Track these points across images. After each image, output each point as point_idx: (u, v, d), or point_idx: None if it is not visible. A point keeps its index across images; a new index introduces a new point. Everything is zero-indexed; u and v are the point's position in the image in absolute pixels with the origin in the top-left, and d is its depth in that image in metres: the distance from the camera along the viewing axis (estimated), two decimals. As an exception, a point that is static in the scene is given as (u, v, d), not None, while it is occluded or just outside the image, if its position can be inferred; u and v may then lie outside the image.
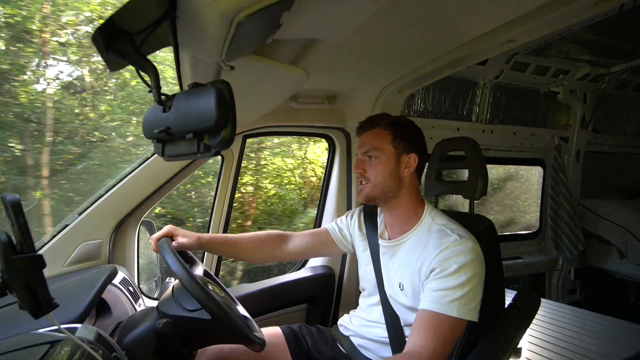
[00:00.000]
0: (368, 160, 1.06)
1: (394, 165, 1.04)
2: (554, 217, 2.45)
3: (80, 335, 0.71)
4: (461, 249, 0.91)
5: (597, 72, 2.24)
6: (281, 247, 1.23)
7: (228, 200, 1.54)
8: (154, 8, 0.54)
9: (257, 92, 1.10)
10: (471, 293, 0.88)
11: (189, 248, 1.11)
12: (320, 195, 1.84)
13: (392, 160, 1.04)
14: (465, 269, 0.89)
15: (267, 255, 1.23)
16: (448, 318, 0.85)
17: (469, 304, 0.87)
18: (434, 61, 1.18)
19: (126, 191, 1.29)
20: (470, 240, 0.94)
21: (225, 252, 1.26)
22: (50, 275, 1.14)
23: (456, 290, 0.87)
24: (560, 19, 0.91)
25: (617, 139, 2.72)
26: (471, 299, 0.88)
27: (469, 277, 0.88)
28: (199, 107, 0.56)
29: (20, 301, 0.54)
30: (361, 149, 1.08)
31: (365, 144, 1.07)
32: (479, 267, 0.92)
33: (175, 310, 0.90)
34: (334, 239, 1.25)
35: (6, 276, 0.53)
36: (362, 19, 0.72)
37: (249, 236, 1.22)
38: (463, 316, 0.86)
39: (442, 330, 0.85)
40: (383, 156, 1.04)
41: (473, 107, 2.20)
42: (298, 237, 1.26)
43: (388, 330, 1.03)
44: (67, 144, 2.58)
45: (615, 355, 1.47)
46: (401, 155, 1.05)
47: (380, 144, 1.05)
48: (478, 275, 0.90)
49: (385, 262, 1.09)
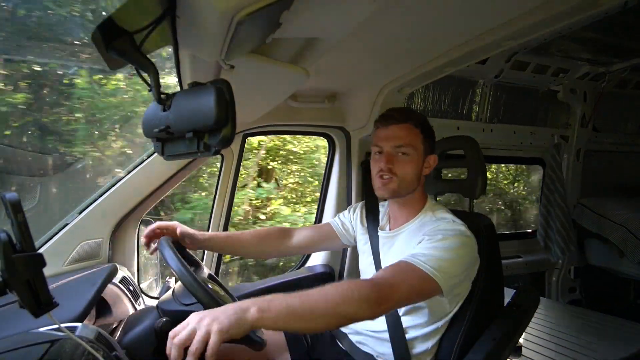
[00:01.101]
0: (397, 155, 1.03)
1: (421, 164, 1.05)
2: (545, 215, 2.44)
3: (80, 334, 0.71)
4: (450, 227, 0.95)
5: (597, 70, 2.24)
6: (284, 242, 1.24)
7: (228, 198, 1.55)
8: (154, 7, 0.54)
9: (257, 91, 1.10)
10: (448, 262, 0.87)
11: (192, 246, 1.11)
12: (320, 194, 1.84)
13: (421, 159, 1.05)
14: (448, 241, 0.90)
15: (271, 250, 1.24)
16: (416, 268, 0.85)
17: (442, 268, 0.85)
18: (434, 60, 1.18)
19: (126, 190, 1.29)
20: (463, 226, 0.96)
21: (227, 250, 1.26)
22: (50, 274, 1.14)
23: (432, 253, 0.88)
24: (560, 18, 0.91)
25: (617, 137, 2.72)
26: (445, 266, 0.86)
27: (450, 248, 0.89)
28: (199, 106, 0.56)
29: (20, 300, 0.54)
30: (391, 141, 1.03)
31: (398, 139, 1.03)
32: (464, 249, 0.92)
33: (174, 306, 0.90)
34: (337, 233, 1.27)
35: (6, 275, 0.53)
36: (362, 18, 0.72)
37: (251, 233, 1.23)
38: (431, 273, 0.84)
39: (406, 273, 0.84)
40: (415, 154, 1.03)
41: (473, 106, 2.19)
42: (301, 232, 1.27)
43: (388, 325, 1.03)
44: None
45: (615, 354, 1.47)
46: (427, 155, 1.06)
47: (413, 141, 1.03)
48: (460, 254, 0.90)
49: (385, 253, 1.10)
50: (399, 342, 1.00)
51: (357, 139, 1.68)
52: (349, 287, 0.77)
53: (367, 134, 1.61)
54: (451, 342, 1.00)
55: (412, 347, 1.00)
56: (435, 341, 1.01)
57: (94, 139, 2.17)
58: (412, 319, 1.01)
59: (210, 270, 1.15)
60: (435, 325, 1.00)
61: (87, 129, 2.15)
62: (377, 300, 0.77)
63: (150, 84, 0.62)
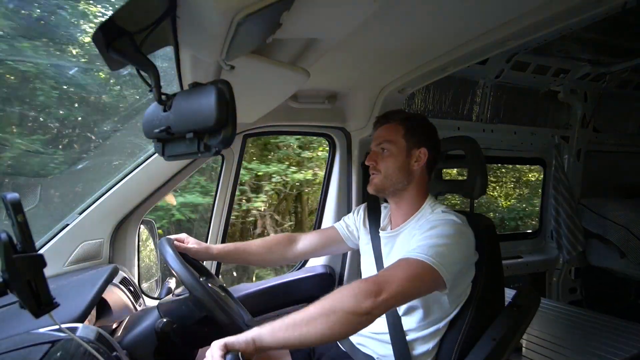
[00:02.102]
0: (381, 152, 1.09)
1: (404, 158, 1.07)
2: (556, 217, 2.45)
3: (81, 334, 0.71)
4: (442, 217, 0.97)
5: (598, 71, 2.23)
6: (291, 249, 1.27)
7: (229, 199, 1.55)
8: (155, 7, 0.54)
9: (258, 92, 1.10)
10: (445, 249, 0.87)
11: (200, 257, 1.14)
12: (320, 194, 1.84)
13: (403, 153, 1.07)
14: (440, 228, 0.92)
15: (278, 258, 1.27)
16: (416, 261, 0.85)
17: (440, 256, 0.85)
18: (434, 60, 1.18)
19: (127, 190, 1.29)
20: (458, 218, 0.96)
21: (236, 260, 1.30)
22: (50, 275, 1.14)
23: (429, 243, 0.88)
24: (560, 18, 0.91)
25: (617, 138, 2.72)
26: (443, 253, 0.86)
27: (444, 235, 0.90)
28: (200, 107, 0.56)
29: (20, 300, 0.54)
30: (375, 141, 1.12)
31: (379, 137, 1.10)
32: (460, 237, 0.92)
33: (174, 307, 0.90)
34: (342, 237, 1.28)
35: (7, 275, 0.53)
36: (362, 18, 0.72)
37: (258, 242, 1.26)
38: (431, 262, 0.84)
39: (407, 268, 0.84)
40: (394, 148, 1.07)
41: (473, 106, 2.19)
42: (307, 237, 1.30)
43: (388, 326, 1.03)
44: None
45: (615, 354, 1.47)
46: (412, 149, 1.07)
47: (392, 137, 1.08)
48: (457, 242, 0.91)
49: (387, 254, 1.11)
50: (399, 343, 1.00)
51: (357, 139, 1.68)
52: (345, 287, 0.80)
53: (367, 135, 1.61)
54: (452, 343, 1.00)
55: (412, 348, 1.00)
56: (436, 342, 1.01)
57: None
58: (413, 320, 1.01)
59: (215, 277, 1.16)
60: (436, 326, 1.00)
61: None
62: (375, 291, 0.77)
63: (151, 84, 0.62)
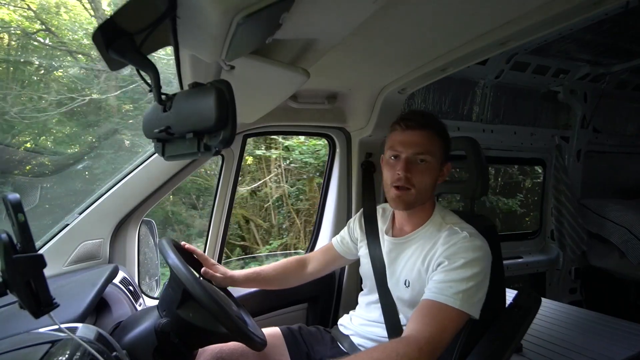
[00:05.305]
0: (417, 162, 0.98)
1: (438, 173, 1.01)
2: (558, 217, 2.45)
3: (80, 334, 0.71)
4: (470, 246, 0.92)
5: (598, 71, 2.24)
6: (303, 272, 1.31)
7: (229, 199, 1.55)
8: (154, 8, 0.54)
9: (257, 92, 1.10)
10: (475, 288, 0.87)
11: (222, 284, 1.15)
12: (320, 194, 1.84)
13: (439, 167, 1.01)
14: (471, 265, 0.89)
15: (293, 281, 1.30)
16: (449, 308, 0.85)
17: (472, 298, 0.86)
18: (434, 61, 1.18)
19: (126, 191, 1.29)
20: (478, 239, 0.94)
21: (256, 286, 1.34)
22: (50, 275, 1.14)
23: (460, 283, 0.87)
24: (560, 18, 0.91)
25: (617, 138, 2.72)
26: (474, 293, 0.87)
27: (475, 273, 0.88)
28: (199, 107, 0.56)
29: (20, 300, 0.54)
30: (411, 147, 0.97)
31: (418, 145, 0.97)
32: (486, 264, 0.91)
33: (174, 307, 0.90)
34: (340, 253, 1.29)
35: (7, 276, 0.53)
36: (362, 19, 0.72)
37: (273, 267, 1.28)
38: (464, 309, 0.85)
39: (441, 319, 0.84)
40: (434, 162, 0.99)
41: (473, 106, 2.19)
42: (314, 259, 1.33)
43: (387, 330, 1.03)
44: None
45: (616, 355, 1.47)
46: (443, 164, 1.02)
47: (434, 148, 0.98)
48: (484, 272, 0.90)
49: (392, 260, 1.08)
50: None
51: (357, 140, 1.68)
52: (392, 350, 0.77)
53: (367, 135, 1.61)
54: (452, 344, 0.99)
55: None
56: (436, 342, 1.00)
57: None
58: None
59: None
60: (436, 326, 1.00)
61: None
62: (416, 358, 0.77)
63: (151, 84, 0.62)
